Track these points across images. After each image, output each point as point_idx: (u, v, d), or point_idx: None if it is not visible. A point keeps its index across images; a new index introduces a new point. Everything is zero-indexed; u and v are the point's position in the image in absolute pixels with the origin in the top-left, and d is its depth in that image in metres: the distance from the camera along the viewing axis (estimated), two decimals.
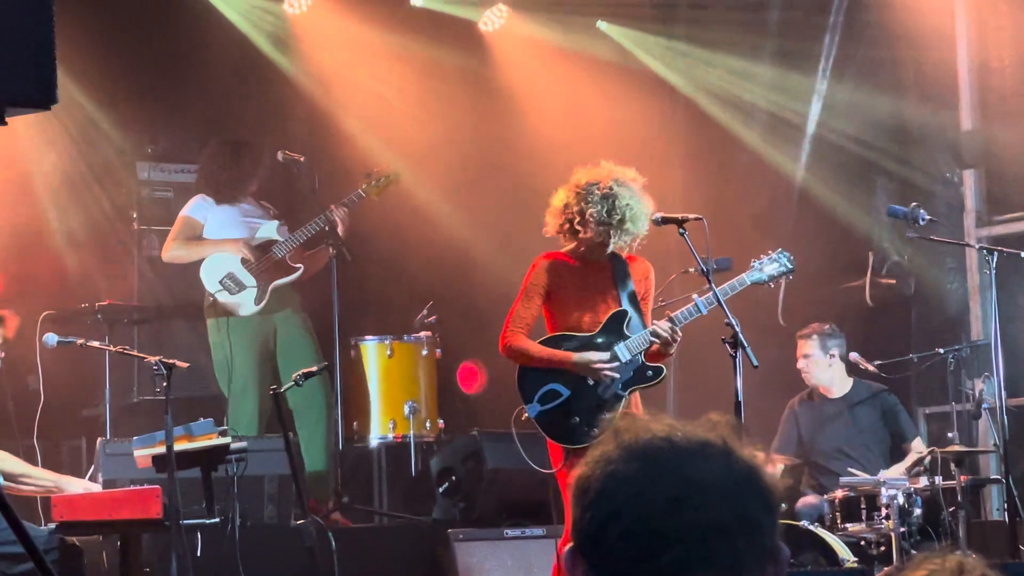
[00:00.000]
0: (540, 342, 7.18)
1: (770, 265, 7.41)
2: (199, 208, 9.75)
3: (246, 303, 9.59)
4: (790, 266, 7.45)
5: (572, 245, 7.24)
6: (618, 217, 7.03)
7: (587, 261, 7.21)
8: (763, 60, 11.59)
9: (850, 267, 11.04)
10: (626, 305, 7.20)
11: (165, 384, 7.28)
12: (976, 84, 10.96)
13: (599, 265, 7.22)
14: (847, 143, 11.38)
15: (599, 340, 7.14)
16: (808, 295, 10.43)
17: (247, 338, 9.61)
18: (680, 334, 7.11)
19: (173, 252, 9.74)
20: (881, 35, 11.07)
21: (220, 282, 9.57)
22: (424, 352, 10.15)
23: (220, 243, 9.63)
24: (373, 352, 10.09)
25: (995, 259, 9.09)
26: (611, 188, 7.05)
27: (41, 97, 3.88)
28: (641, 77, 11.84)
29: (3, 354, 8.04)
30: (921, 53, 10.98)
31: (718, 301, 7.04)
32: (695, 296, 7.21)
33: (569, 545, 2.08)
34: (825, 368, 9.68)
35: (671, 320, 7.14)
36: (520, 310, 7.20)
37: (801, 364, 9.71)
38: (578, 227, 7.09)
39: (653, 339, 7.11)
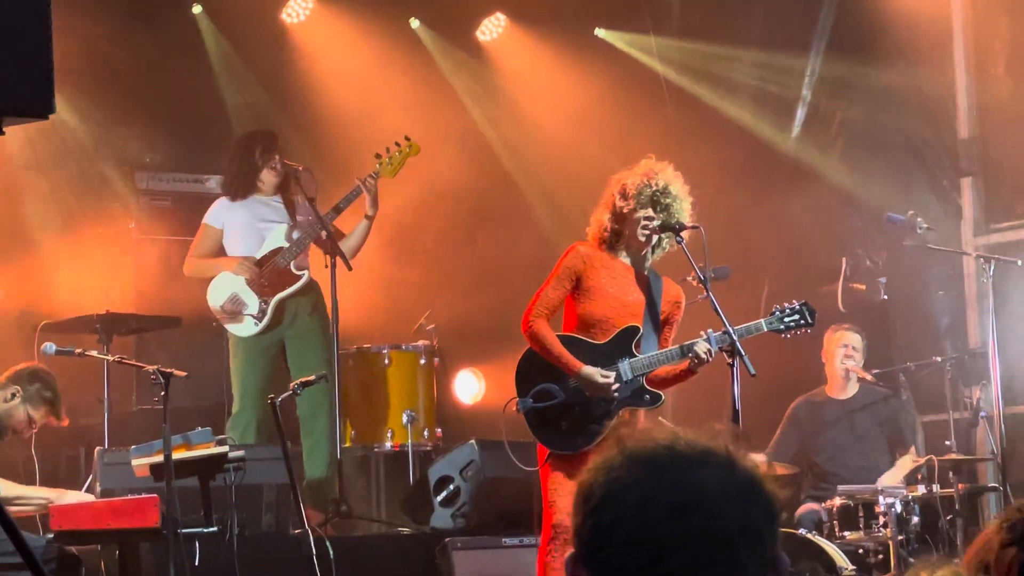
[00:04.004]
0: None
1: (791, 316, 7.33)
2: (216, 213, 9.77)
3: (247, 327, 9.60)
4: (811, 320, 7.32)
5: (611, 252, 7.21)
6: (673, 195, 7.01)
7: (624, 265, 7.20)
8: (747, 70, 11.62)
9: (825, 273, 11.03)
10: (644, 318, 7.16)
11: (163, 393, 7.28)
12: (974, 91, 10.97)
13: (634, 272, 7.21)
14: (836, 146, 11.42)
15: (605, 351, 7.11)
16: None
17: (251, 350, 9.61)
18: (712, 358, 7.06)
19: (189, 267, 9.81)
20: (876, 44, 11.09)
21: (222, 307, 9.58)
22: (422, 361, 10.15)
23: (225, 263, 9.62)
24: (371, 361, 10.09)
25: (992, 267, 9.11)
26: (658, 174, 7.05)
27: (39, 107, 3.87)
28: (641, 84, 11.86)
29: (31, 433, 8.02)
30: (918, 62, 10.99)
31: (716, 311, 7.01)
32: (709, 331, 7.11)
33: (571, 552, 2.08)
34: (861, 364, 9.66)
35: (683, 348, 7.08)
36: (549, 292, 7.13)
37: (851, 354, 9.59)
38: (627, 211, 7.04)
39: (687, 355, 7.04)
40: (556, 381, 7.12)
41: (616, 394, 7.06)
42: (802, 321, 7.30)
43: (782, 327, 7.29)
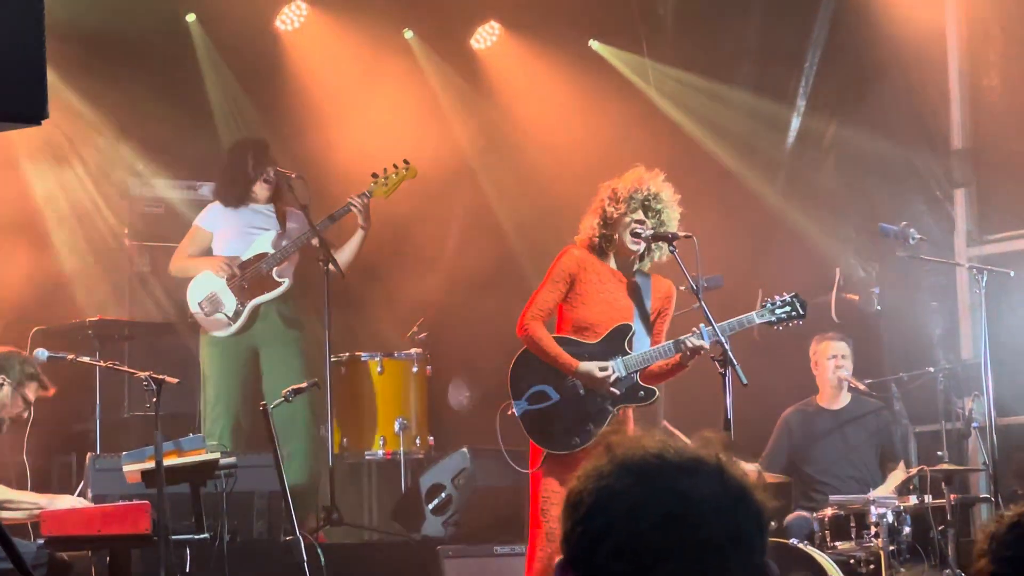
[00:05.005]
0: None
1: (783, 308, 7.33)
2: (209, 217, 9.80)
3: (220, 325, 9.58)
4: (802, 312, 7.35)
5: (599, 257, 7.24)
6: (664, 201, 7.04)
7: (612, 269, 7.22)
8: (742, 83, 11.61)
9: (819, 283, 11.02)
10: (635, 320, 7.19)
11: (155, 400, 7.28)
12: (967, 104, 10.97)
13: (623, 276, 7.24)
14: (829, 157, 11.42)
15: (599, 351, 7.13)
16: None
17: (225, 355, 9.60)
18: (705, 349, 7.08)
19: (175, 266, 9.81)
20: (870, 52, 11.09)
21: (199, 303, 9.58)
22: (414, 369, 10.15)
23: (208, 263, 9.62)
24: (364, 369, 10.08)
25: (985, 278, 9.12)
26: (648, 181, 7.11)
27: (31, 112, 3.87)
28: (632, 96, 11.86)
29: (29, 413, 7.95)
30: (911, 72, 11.00)
31: (708, 320, 7.03)
32: (701, 326, 7.13)
33: (559, 559, 2.08)
34: (851, 371, 9.65)
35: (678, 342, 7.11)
36: (544, 294, 7.16)
37: (841, 363, 9.61)
38: (618, 215, 7.07)
39: (677, 350, 7.08)
40: (550, 383, 7.13)
41: (615, 389, 7.08)
42: (793, 313, 7.31)
43: (774, 319, 7.30)
